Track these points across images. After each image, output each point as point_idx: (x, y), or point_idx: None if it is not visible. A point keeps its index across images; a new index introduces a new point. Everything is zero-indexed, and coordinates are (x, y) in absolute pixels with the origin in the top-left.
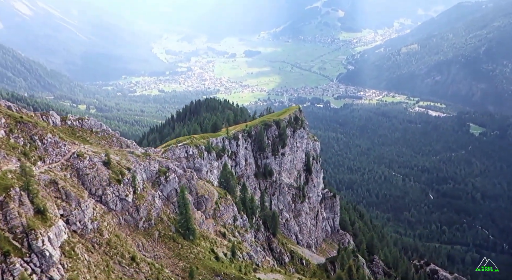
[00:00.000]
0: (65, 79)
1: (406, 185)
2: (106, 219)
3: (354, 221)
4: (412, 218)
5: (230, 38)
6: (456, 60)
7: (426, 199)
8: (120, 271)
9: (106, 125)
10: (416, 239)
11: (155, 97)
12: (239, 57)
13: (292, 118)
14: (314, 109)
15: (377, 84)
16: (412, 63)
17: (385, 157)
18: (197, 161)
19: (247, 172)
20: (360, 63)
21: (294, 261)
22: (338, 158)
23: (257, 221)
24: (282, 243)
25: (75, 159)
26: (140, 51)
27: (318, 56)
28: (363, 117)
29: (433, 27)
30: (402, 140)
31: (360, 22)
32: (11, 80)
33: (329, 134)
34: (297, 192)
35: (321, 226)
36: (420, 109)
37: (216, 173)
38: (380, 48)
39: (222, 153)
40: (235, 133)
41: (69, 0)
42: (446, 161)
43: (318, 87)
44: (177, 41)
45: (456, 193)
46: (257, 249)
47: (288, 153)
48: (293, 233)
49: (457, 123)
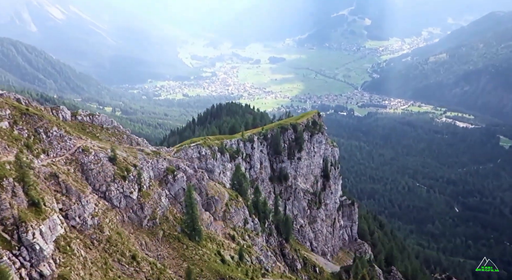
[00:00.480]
0: (93, 82)
1: (431, 196)
2: (109, 216)
3: (374, 230)
4: (436, 231)
5: (255, 45)
6: (486, 70)
7: (451, 212)
8: (119, 269)
9: (117, 122)
10: (440, 253)
11: (179, 101)
12: (264, 63)
13: (310, 123)
14: (338, 117)
15: (403, 93)
16: (440, 72)
17: (409, 167)
18: (209, 162)
19: (261, 175)
20: (386, 71)
21: (307, 268)
22: (361, 166)
23: (270, 225)
24: (295, 249)
25: (80, 154)
26: (167, 56)
27: (343, 64)
28: (387, 126)
29: (463, 37)
30: (428, 150)
31: (387, 31)
32: (42, 81)
33: (352, 142)
34: (313, 197)
35: (338, 234)
36: (447, 120)
37: (229, 175)
38: (407, 57)
39: (236, 154)
40: (251, 136)
41: (100, 5)
42: (473, 174)
43: (342, 95)
44: (202, 47)
45: (483, 206)
46: (268, 254)
47: (305, 157)
48: (307, 240)
49: (486, 135)
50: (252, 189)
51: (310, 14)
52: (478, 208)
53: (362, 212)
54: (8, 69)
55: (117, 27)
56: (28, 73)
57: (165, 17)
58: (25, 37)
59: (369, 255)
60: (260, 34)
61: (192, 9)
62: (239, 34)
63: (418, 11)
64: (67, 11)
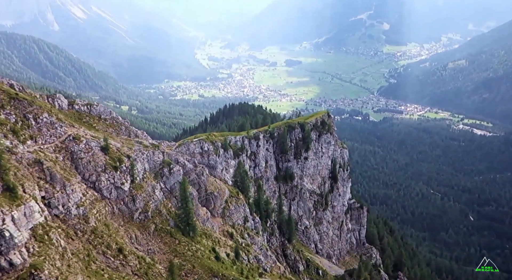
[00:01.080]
0: (111, 81)
1: (445, 204)
2: (97, 207)
3: (383, 235)
4: (450, 239)
5: (271, 47)
6: (506, 78)
7: (466, 221)
8: (103, 262)
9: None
10: (453, 262)
11: (195, 101)
12: (280, 66)
13: (318, 122)
14: (352, 121)
15: (420, 99)
16: (458, 79)
17: (423, 174)
18: (212, 158)
19: (266, 174)
20: (403, 77)
21: (310, 270)
22: (374, 171)
23: (272, 225)
24: (298, 250)
25: (70, 142)
26: (184, 56)
27: (359, 68)
28: (403, 132)
29: (483, 43)
30: (443, 157)
31: (406, 36)
32: (62, 79)
33: (366, 147)
34: (319, 199)
35: (346, 238)
36: (464, 127)
37: (232, 172)
38: (425, 62)
39: (240, 152)
40: (256, 133)
41: (121, 5)
42: (489, 182)
43: (357, 100)
44: (220, 48)
45: (498, 216)
46: (267, 254)
47: (312, 157)
48: (312, 242)
49: (504, 143)
50: (255, 187)
51: (328, 18)
52: (494, 217)
53: (372, 217)
54: (30, 66)
55: (136, 27)
56: (49, 71)
57: (184, 18)
58: (48, 36)
59: (376, 260)
60: (277, 37)
61: (210, 10)
62: (256, 36)
63: (437, 16)
64: (88, 11)
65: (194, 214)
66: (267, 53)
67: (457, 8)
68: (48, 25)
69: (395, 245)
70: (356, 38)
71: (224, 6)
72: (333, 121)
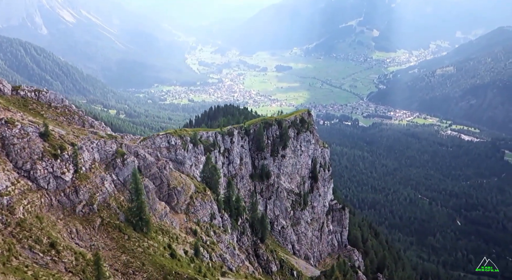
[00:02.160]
0: (99, 85)
1: (433, 209)
2: (29, 197)
3: (367, 238)
4: (437, 244)
5: (262, 53)
6: (493, 84)
7: (453, 225)
8: (28, 258)
9: (69, 101)
10: (440, 266)
11: (184, 106)
12: (270, 71)
13: (297, 120)
14: (342, 126)
15: (409, 105)
16: (446, 85)
17: (411, 179)
18: (179, 153)
19: (241, 171)
20: (392, 83)
21: (284, 271)
22: (363, 176)
23: (243, 223)
24: (272, 250)
25: (2, 126)
26: (174, 61)
27: (349, 74)
28: (392, 137)
29: (471, 51)
30: (431, 162)
31: (395, 43)
32: (49, 83)
33: (355, 152)
34: (297, 198)
35: (327, 239)
36: (452, 133)
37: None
38: (414, 69)
39: (212, 147)
40: (230, 129)
41: (111, 9)
42: (476, 187)
43: (347, 105)
44: (210, 53)
45: (485, 220)
46: (234, 252)
47: (290, 155)
48: (289, 242)
49: (491, 149)
50: (225, 184)
51: (318, 24)
52: (481, 222)
53: (357, 220)
54: (16, 69)
55: (126, 31)
56: (36, 74)
57: (175, 23)
58: (36, 39)
59: (358, 262)
60: (267, 42)
61: (201, 16)
62: (247, 42)
63: (426, 24)
64: (78, 14)
65: (149, 208)
66: (257, 59)
67: (445, 16)
68: (36, 28)
69: (380, 248)
70: (346, 45)
71: (215, 12)
72: (313, 120)
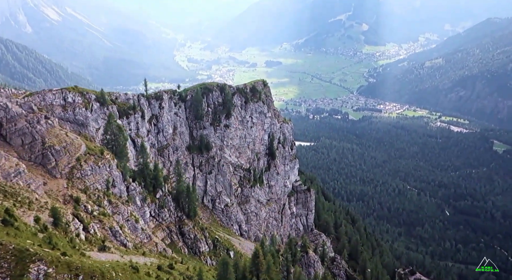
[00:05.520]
0: (84, 82)
1: (421, 199)
2: None
3: (341, 224)
4: (425, 234)
5: (252, 48)
6: (481, 75)
7: (442, 215)
8: None
9: None
10: (427, 256)
11: None
12: (260, 67)
13: (247, 88)
14: (332, 120)
15: (399, 98)
16: (435, 77)
17: (400, 170)
18: (79, 112)
19: (175, 142)
20: (382, 76)
21: (218, 252)
22: (351, 169)
23: (164, 196)
24: (202, 228)
25: None
26: (162, 58)
27: (339, 69)
28: (381, 130)
29: (460, 43)
30: (421, 154)
31: (384, 36)
32: (32, 80)
33: (344, 145)
34: (246, 174)
35: (289, 223)
36: (442, 124)
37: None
38: (404, 62)
39: (132, 111)
40: (159, 93)
41: (97, 6)
42: (465, 177)
43: (337, 99)
44: (199, 50)
45: (474, 210)
46: (137, 226)
47: (237, 126)
48: (235, 222)
49: (480, 139)
50: (136, 148)
51: (307, 19)
52: (469, 212)
53: (332, 206)
54: None
55: (113, 29)
56: (18, 72)
57: (163, 20)
58: (20, 38)
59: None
60: (257, 38)
61: (190, 12)
62: (236, 38)
63: (415, 17)
64: (63, 12)
65: None
66: (247, 55)
67: (434, 9)
68: (20, 27)
69: (356, 235)
70: (336, 39)
71: (203, 8)
72: (270, 92)
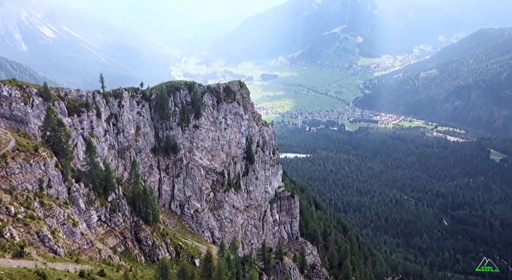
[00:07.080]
0: None
1: (419, 209)
2: None
3: (330, 233)
4: (424, 245)
5: (247, 62)
6: (476, 85)
7: (440, 225)
8: None
9: None
10: (426, 267)
11: None
12: (256, 80)
13: (221, 89)
14: (328, 132)
15: (394, 108)
16: (431, 88)
17: (397, 180)
18: (17, 107)
19: (137, 143)
20: (378, 87)
21: (181, 260)
22: (348, 179)
23: (118, 199)
24: (163, 234)
25: None
26: (158, 73)
27: (335, 81)
28: (378, 140)
29: (454, 53)
30: (418, 164)
31: (379, 48)
32: None
33: (340, 156)
34: (219, 178)
35: (272, 231)
36: (438, 134)
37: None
38: (399, 73)
39: (85, 108)
40: (117, 90)
41: (93, 23)
42: (463, 187)
43: (333, 111)
44: (195, 65)
45: (472, 219)
46: (74, 231)
47: (208, 128)
48: (206, 229)
49: (477, 149)
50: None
51: (302, 33)
52: (468, 221)
53: (322, 215)
54: None
55: (109, 45)
56: None
57: (159, 35)
58: (15, 56)
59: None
60: (252, 52)
61: (186, 28)
62: (232, 52)
63: (409, 29)
64: (58, 30)
65: None
66: (243, 68)
67: (427, 21)
68: (15, 45)
69: (346, 244)
70: (331, 52)
71: (199, 23)
72: (247, 94)
